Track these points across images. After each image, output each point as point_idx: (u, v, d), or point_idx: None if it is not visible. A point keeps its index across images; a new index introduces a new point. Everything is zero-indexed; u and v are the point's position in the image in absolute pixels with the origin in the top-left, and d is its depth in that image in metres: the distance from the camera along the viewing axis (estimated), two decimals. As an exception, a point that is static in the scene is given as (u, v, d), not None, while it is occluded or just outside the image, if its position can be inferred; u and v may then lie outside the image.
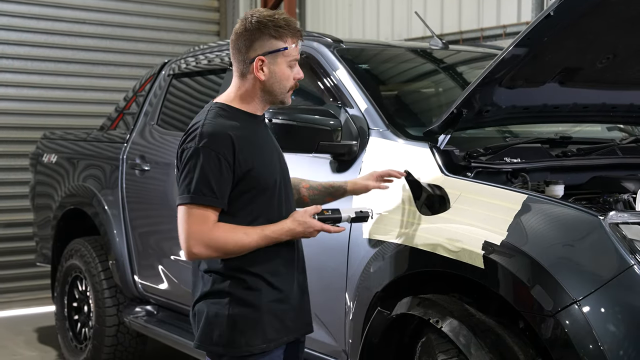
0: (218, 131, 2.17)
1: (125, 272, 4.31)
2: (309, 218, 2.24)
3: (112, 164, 4.44)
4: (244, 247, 2.17)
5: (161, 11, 7.21)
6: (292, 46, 2.24)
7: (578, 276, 2.15)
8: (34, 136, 5.82)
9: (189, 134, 2.21)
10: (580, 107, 3.01)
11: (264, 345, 2.23)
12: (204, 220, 2.14)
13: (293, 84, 2.28)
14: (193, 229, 2.14)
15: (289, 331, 2.31)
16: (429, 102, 3.68)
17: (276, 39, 2.23)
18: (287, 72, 2.25)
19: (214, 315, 2.23)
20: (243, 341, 2.21)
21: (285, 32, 2.23)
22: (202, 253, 2.16)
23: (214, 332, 2.23)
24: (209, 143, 2.15)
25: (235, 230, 2.17)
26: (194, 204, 2.14)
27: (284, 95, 2.28)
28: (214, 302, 2.24)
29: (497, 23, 5.56)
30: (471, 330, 2.32)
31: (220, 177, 2.14)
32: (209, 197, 2.14)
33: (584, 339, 2.06)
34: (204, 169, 2.13)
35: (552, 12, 2.32)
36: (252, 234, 2.18)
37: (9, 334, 5.64)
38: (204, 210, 2.14)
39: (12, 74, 6.53)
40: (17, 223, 6.48)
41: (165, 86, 4.41)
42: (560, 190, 2.61)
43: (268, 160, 2.27)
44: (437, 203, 2.61)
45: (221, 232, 2.15)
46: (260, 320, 2.23)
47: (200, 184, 2.13)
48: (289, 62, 2.25)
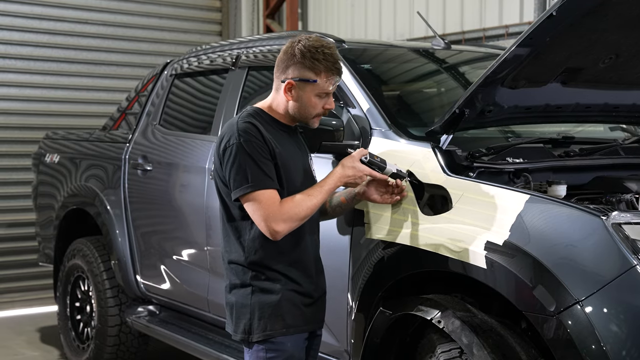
0: (251, 127, 2.36)
1: (127, 272, 4.31)
2: (358, 162, 2.45)
3: (114, 164, 4.45)
4: (315, 206, 2.37)
5: (163, 11, 7.21)
6: (324, 80, 2.37)
7: (580, 276, 2.15)
8: (36, 136, 5.83)
9: (227, 133, 2.38)
10: (583, 107, 3.00)
11: (284, 330, 2.39)
12: (272, 201, 2.32)
13: (321, 112, 2.43)
14: (268, 211, 2.31)
15: (308, 321, 2.46)
16: (431, 102, 3.67)
17: (309, 70, 2.38)
18: (313, 101, 2.40)
19: (240, 306, 2.42)
20: (264, 326, 2.37)
21: (320, 66, 2.37)
22: (284, 228, 2.33)
23: (242, 321, 2.40)
24: (248, 136, 2.34)
25: (300, 198, 2.35)
26: (258, 190, 2.32)
27: (307, 119, 2.47)
28: (239, 293, 2.42)
29: (500, 23, 5.55)
30: (473, 330, 2.32)
31: (268, 162, 2.35)
32: (266, 181, 2.33)
33: (586, 339, 2.05)
34: (253, 159, 2.32)
35: (554, 12, 2.32)
36: (314, 193, 2.38)
37: (11, 334, 5.65)
38: (269, 192, 2.33)
39: (14, 74, 6.54)
40: (19, 223, 6.48)
41: (168, 86, 4.41)
42: (562, 190, 2.60)
43: (291, 164, 2.43)
44: (439, 203, 2.61)
45: (290, 204, 2.33)
46: (279, 305, 2.38)
47: (255, 173, 2.32)
48: (319, 93, 2.39)
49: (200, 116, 4.32)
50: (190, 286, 3.92)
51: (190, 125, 4.27)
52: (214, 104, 3.92)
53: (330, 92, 2.41)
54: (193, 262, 3.86)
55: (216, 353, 3.59)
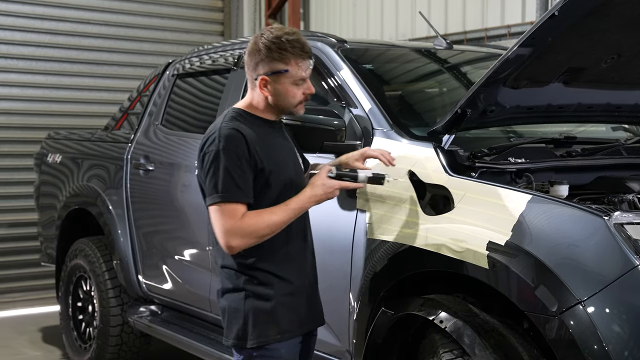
0: (234, 133, 2.30)
1: (129, 272, 4.31)
2: (326, 178, 2.36)
3: (116, 164, 4.45)
4: (275, 225, 2.30)
5: (165, 11, 7.22)
6: (295, 67, 2.33)
7: (583, 276, 2.15)
8: (38, 136, 5.84)
9: (209, 137, 2.33)
10: (585, 107, 3.00)
11: (279, 335, 2.35)
12: (234, 214, 2.27)
13: (302, 98, 2.38)
14: (227, 224, 2.27)
15: (303, 323, 2.43)
16: (433, 102, 3.67)
17: (278, 61, 2.33)
18: (291, 90, 2.36)
19: (234, 310, 2.37)
20: (258, 332, 2.33)
21: (287, 54, 2.32)
22: (240, 244, 2.28)
23: (235, 326, 2.36)
24: (228, 144, 2.27)
25: (262, 214, 2.29)
26: (223, 202, 2.27)
27: (291, 109, 2.40)
28: (232, 298, 2.38)
29: (502, 23, 5.55)
30: (475, 330, 2.32)
31: (243, 173, 2.28)
32: (235, 194, 2.27)
33: (588, 339, 2.05)
34: (227, 168, 2.26)
35: (556, 11, 2.32)
36: (277, 212, 2.30)
37: (14, 334, 5.65)
38: (233, 206, 2.27)
39: (16, 74, 6.54)
40: (21, 223, 6.49)
41: (170, 86, 4.41)
42: (564, 190, 2.60)
43: (280, 160, 2.38)
44: (441, 203, 2.61)
45: (251, 220, 2.27)
46: (274, 312, 2.34)
47: (226, 183, 2.27)
48: (294, 81, 2.34)
49: (202, 116, 4.32)
50: (192, 286, 3.92)
51: (192, 125, 4.27)
52: (215, 104, 3.92)
53: (305, 77, 2.35)
54: (195, 262, 3.87)
55: (218, 353, 3.59)
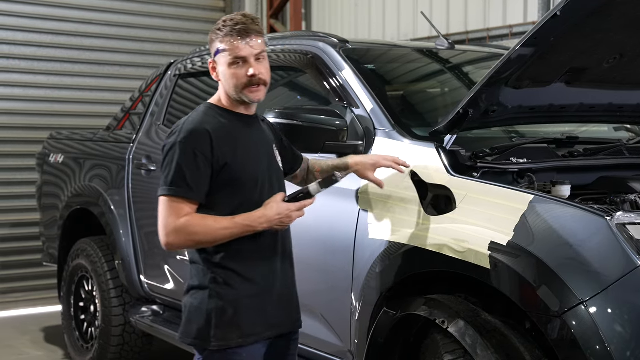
0: (197, 127, 2.27)
1: (131, 272, 4.31)
2: (280, 202, 2.27)
3: (118, 164, 4.45)
4: (215, 235, 2.22)
5: (167, 11, 7.22)
6: (231, 45, 2.28)
7: (585, 277, 2.14)
8: (40, 136, 5.84)
9: (173, 130, 2.32)
10: (587, 107, 3.00)
11: (241, 339, 2.29)
12: (177, 211, 2.23)
13: (246, 80, 2.30)
14: (168, 220, 2.24)
15: (271, 326, 2.35)
16: (435, 102, 3.67)
17: (215, 41, 2.33)
18: (231, 71, 2.30)
19: (195, 309, 2.31)
20: (219, 335, 2.27)
21: (220, 32, 2.31)
22: (175, 242, 2.24)
23: (194, 325, 2.31)
24: (187, 138, 2.25)
25: (205, 218, 2.24)
26: (170, 196, 2.24)
27: (238, 93, 2.33)
28: (196, 296, 2.32)
29: (504, 23, 5.55)
30: (477, 330, 2.32)
31: (196, 170, 2.23)
32: (183, 190, 2.23)
33: (590, 339, 2.05)
34: (180, 163, 2.23)
35: (558, 12, 2.32)
36: (222, 222, 2.23)
37: (16, 334, 5.66)
38: (179, 201, 2.23)
39: (18, 74, 6.55)
40: (24, 223, 6.49)
41: (172, 86, 4.42)
42: (566, 190, 2.60)
43: (250, 156, 2.33)
44: (443, 203, 2.60)
45: (192, 222, 2.22)
46: (237, 315, 2.28)
47: (176, 177, 2.23)
48: (232, 60, 2.29)
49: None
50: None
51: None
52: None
53: (242, 55, 2.27)
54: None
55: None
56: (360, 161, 2.65)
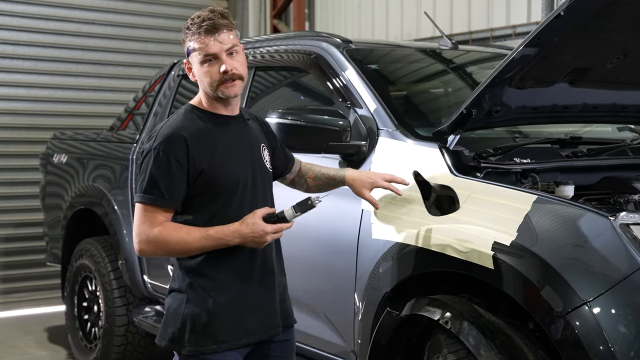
0: (173, 133, 2.22)
1: (134, 272, 4.32)
2: (258, 219, 2.20)
3: (121, 164, 4.46)
4: (187, 246, 2.20)
5: (170, 12, 7.22)
6: (197, 43, 2.24)
7: (588, 277, 2.14)
8: (44, 136, 5.85)
9: (152, 135, 2.28)
10: (591, 108, 2.99)
11: (215, 346, 2.25)
12: (151, 219, 2.20)
13: (219, 77, 2.25)
14: (141, 227, 2.21)
15: (248, 333, 2.30)
16: (438, 103, 3.67)
17: (185, 42, 2.30)
18: (203, 69, 2.26)
19: (173, 312, 2.29)
20: (193, 340, 2.25)
21: (188, 32, 2.27)
22: (147, 250, 2.22)
23: (169, 328, 2.29)
24: (161, 144, 2.21)
25: (178, 229, 2.21)
26: (143, 203, 2.21)
27: (214, 91, 2.27)
28: (174, 299, 2.31)
29: (507, 23, 5.54)
30: (480, 331, 2.32)
31: (170, 178, 2.20)
32: (156, 198, 2.20)
33: (594, 340, 2.05)
34: (153, 170, 2.20)
35: (562, 12, 2.31)
36: (193, 233, 2.19)
37: (19, 334, 5.67)
38: (153, 209, 2.20)
39: (22, 74, 6.56)
40: (27, 223, 6.50)
41: (175, 87, 4.42)
42: (570, 190, 2.59)
43: (230, 160, 2.28)
44: (446, 203, 2.60)
45: (163, 231, 2.19)
46: (211, 321, 2.25)
47: (149, 185, 2.20)
48: (202, 58, 2.25)
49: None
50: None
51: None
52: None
53: (211, 52, 2.22)
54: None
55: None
56: (358, 178, 2.60)
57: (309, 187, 2.66)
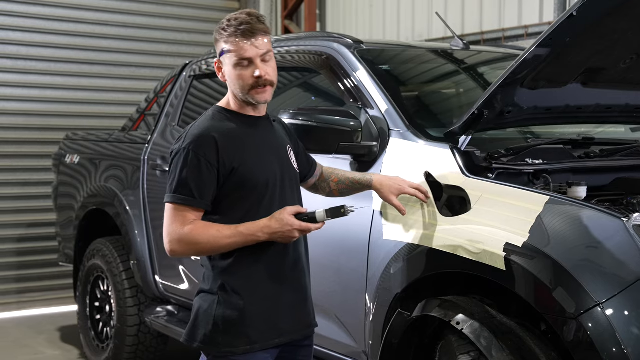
0: (203, 133, 2.23)
1: (146, 272, 4.33)
2: (288, 215, 2.20)
3: (133, 164, 4.47)
4: (217, 244, 2.20)
5: (182, 13, 7.25)
6: (232, 46, 2.24)
7: (601, 278, 2.13)
8: (56, 137, 5.88)
9: (182, 135, 2.29)
10: (603, 108, 2.98)
11: (248, 347, 2.26)
12: (181, 219, 2.21)
13: (252, 82, 2.26)
14: (171, 228, 2.22)
15: (280, 333, 2.32)
16: (449, 103, 3.66)
17: (219, 42, 2.30)
18: (236, 72, 2.26)
19: (204, 313, 2.29)
20: (226, 341, 2.26)
21: (225, 33, 2.27)
22: (178, 250, 2.22)
23: (200, 329, 2.29)
24: (191, 145, 2.21)
25: (208, 227, 2.21)
26: (174, 204, 2.22)
27: (244, 95, 2.29)
28: (205, 299, 2.31)
29: (519, 23, 5.52)
30: (492, 332, 2.31)
31: (200, 178, 2.20)
32: (186, 197, 2.21)
33: (607, 341, 2.04)
34: (184, 170, 2.20)
35: (575, 12, 2.30)
36: (224, 231, 2.20)
37: (32, 333, 5.70)
38: (183, 209, 2.21)
39: (35, 75, 6.60)
40: (40, 223, 6.54)
41: (186, 87, 4.43)
42: (582, 191, 2.58)
43: (259, 160, 2.29)
44: (457, 204, 2.60)
45: (194, 229, 2.20)
46: (244, 322, 2.25)
47: (180, 185, 2.21)
48: (237, 61, 2.25)
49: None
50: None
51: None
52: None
53: (247, 57, 2.23)
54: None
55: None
56: (386, 183, 2.58)
57: (331, 190, 2.65)
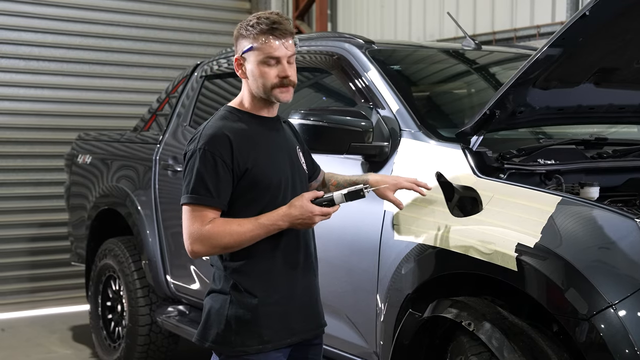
0: (217, 133, 2.23)
1: (157, 272, 4.35)
2: (306, 201, 2.22)
3: (145, 164, 4.49)
4: (240, 238, 2.20)
5: (194, 13, 7.27)
6: (261, 44, 2.24)
7: (613, 279, 2.12)
8: (69, 137, 5.91)
9: (193, 136, 2.29)
10: (616, 108, 2.96)
11: (260, 346, 2.27)
12: (200, 219, 2.20)
13: (277, 81, 2.26)
14: (192, 228, 2.21)
15: (293, 333, 2.33)
16: (461, 103, 3.65)
17: (246, 38, 2.27)
18: (261, 69, 2.26)
19: (215, 312, 2.30)
20: (238, 341, 2.26)
21: (253, 31, 2.25)
22: (201, 250, 2.22)
23: (212, 329, 2.29)
24: (206, 145, 2.21)
25: (228, 223, 2.21)
26: (192, 204, 2.21)
27: (267, 93, 2.28)
28: (217, 299, 2.31)
29: (531, 23, 5.50)
30: (504, 333, 2.30)
31: (217, 177, 2.20)
32: (205, 197, 2.20)
33: (619, 343, 2.02)
34: (200, 170, 2.20)
35: (587, 11, 2.29)
36: (246, 224, 2.20)
37: (45, 332, 5.73)
38: (202, 209, 2.21)
39: (48, 76, 6.63)
40: (52, 223, 6.57)
41: (198, 87, 4.44)
42: (595, 192, 2.57)
43: (272, 160, 2.29)
44: (469, 205, 2.59)
45: (215, 228, 2.19)
46: (257, 321, 2.26)
47: (197, 185, 2.20)
48: (263, 59, 2.25)
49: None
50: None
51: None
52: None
53: (276, 56, 2.23)
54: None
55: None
56: (381, 180, 2.58)
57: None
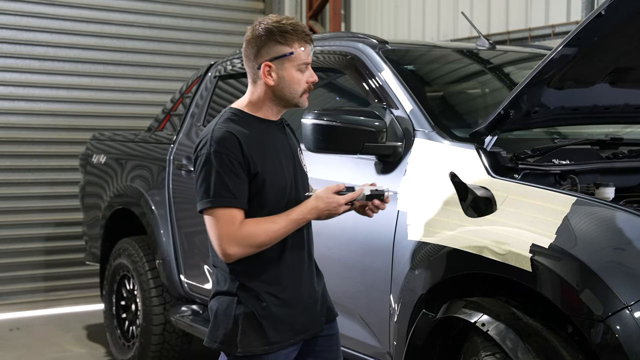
0: (227, 135, 2.22)
1: (171, 271, 4.36)
2: (331, 193, 2.27)
3: (159, 164, 4.50)
4: (275, 235, 2.22)
5: (208, 13, 7.28)
6: (299, 50, 2.25)
7: (629, 280, 2.10)
8: (83, 137, 5.94)
9: (202, 140, 2.26)
10: (632, 108, 2.94)
11: (267, 347, 2.28)
12: (231, 220, 2.19)
13: (306, 87, 2.30)
14: (222, 231, 2.19)
15: (298, 333, 2.34)
16: (475, 103, 3.64)
17: (282, 45, 2.25)
18: (296, 76, 2.27)
19: (222, 314, 2.30)
20: (245, 342, 2.27)
21: (290, 37, 2.25)
22: (237, 252, 2.21)
23: (220, 330, 2.30)
24: (220, 147, 2.20)
25: (261, 222, 2.21)
26: (217, 207, 2.19)
27: (296, 99, 2.30)
28: (222, 301, 2.31)
29: (546, 23, 5.47)
30: (518, 334, 2.29)
31: (236, 178, 2.20)
32: (229, 199, 2.19)
33: (635, 344, 2.01)
34: (219, 172, 2.19)
35: (603, 11, 2.28)
36: (279, 221, 2.22)
37: (59, 331, 5.77)
38: (228, 211, 2.19)
39: (63, 76, 6.67)
40: (67, 222, 6.61)
41: (212, 88, 4.46)
42: (610, 192, 2.55)
43: (279, 164, 2.30)
44: (483, 205, 2.58)
45: (249, 227, 2.20)
46: (263, 322, 2.27)
47: (218, 187, 2.19)
48: (298, 66, 2.27)
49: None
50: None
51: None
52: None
53: (309, 62, 2.28)
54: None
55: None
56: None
57: None
